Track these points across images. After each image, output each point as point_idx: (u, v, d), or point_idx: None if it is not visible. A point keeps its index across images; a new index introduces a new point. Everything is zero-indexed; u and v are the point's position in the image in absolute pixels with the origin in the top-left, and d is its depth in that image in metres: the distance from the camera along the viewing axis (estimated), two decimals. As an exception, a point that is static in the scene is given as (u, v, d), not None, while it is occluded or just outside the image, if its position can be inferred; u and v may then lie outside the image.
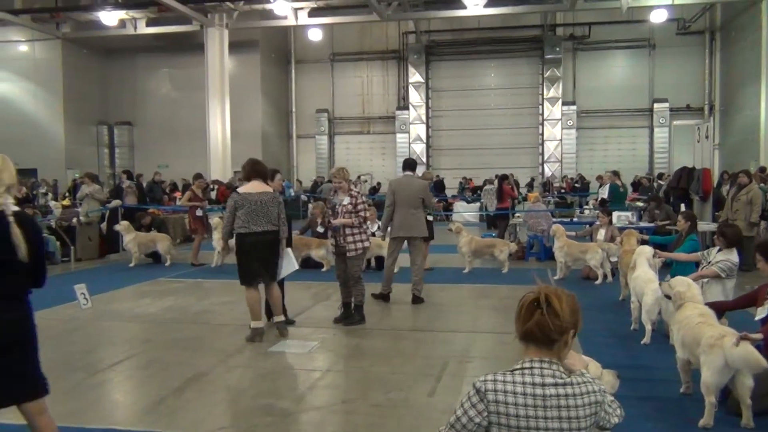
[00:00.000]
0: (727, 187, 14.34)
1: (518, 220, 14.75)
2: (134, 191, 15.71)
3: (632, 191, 19.92)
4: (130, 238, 12.57)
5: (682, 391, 4.99)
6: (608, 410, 2.31)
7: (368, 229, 7.72)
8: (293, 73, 30.50)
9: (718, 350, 4.29)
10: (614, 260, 10.12)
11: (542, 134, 27.94)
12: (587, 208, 17.95)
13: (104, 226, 14.22)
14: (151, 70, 28.87)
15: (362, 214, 7.38)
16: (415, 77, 28.50)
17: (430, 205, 9.26)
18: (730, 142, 24.94)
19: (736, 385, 4.35)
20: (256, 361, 6.21)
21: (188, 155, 25.30)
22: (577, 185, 24.88)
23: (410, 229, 8.69)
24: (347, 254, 7.36)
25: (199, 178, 13.79)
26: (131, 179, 16.95)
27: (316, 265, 11.78)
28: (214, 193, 18.02)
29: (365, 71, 29.90)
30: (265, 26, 23.88)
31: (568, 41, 27.82)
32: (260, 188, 6.79)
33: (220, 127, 22.32)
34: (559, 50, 27.32)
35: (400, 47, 29.31)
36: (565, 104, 27.54)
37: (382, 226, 8.97)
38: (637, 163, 26.98)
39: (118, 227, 12.81)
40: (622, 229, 10.48)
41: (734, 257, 6.43)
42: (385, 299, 8.77)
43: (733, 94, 24.99)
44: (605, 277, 10.33)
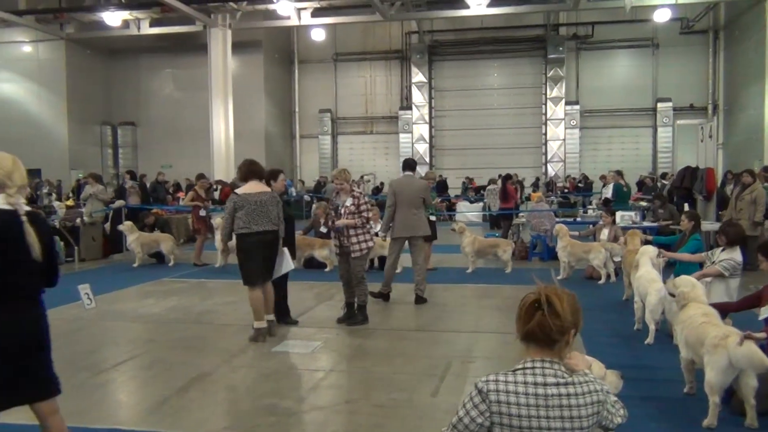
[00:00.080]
0: (731, 186, 14.32)
1: (521, 220, 14.74)
2: (137, 191, 15.75)
3: (637, 191, 19.89)
4: (133, 238, 12.59)
5: (685, 391, 4.98)
6: (611, 410, 2.31)
7: (371, 229, 7.72)
8: (296, 73, 30.51)
9: (722, 350, 4.28)
10: (617, 260, 10.11)
11: (545, 134, 27.89)
12: (591, 208, 17.91)
13: (108, 226, 14.26)
14: (154, 70, 28.89)
15: (365, 214, 7.39)
16: (418, 77, 28.47)
17: (429, 204, 9.27)
18: (733, 141, 24.87)
19: (740, 385, 4.33)
20: (259, 361, 6.22)
21: (191, 155, 25.33)
22: (580, 185, 24.84)
23: (412, 229, 8.69)
24: (351, 255, 7.36)
25: (201, 178, 13.81)
26: (134, 179, 16.97)
27: (319, 265, 11.79)
28: (217, 193, 18.04)
29: (368, 71, 29.89)
30: (268, 26, 23.87)
31: (571, 41, 27.76)
32: (258, 188, 6.84)
33: (223, 127, 22.33)
34: (562, 50, 27.26)
35: (403, 47, 29.29)
36: (568, 104, 27.48)
37: (383, 226, 8.96)
38: (640, 162, 26.90)
39: (121, 227, 12.83)
40: (625, 228, 10.46)
41: (738, 256, 6.40)
42: (384, 299, 8.78)
43: (736, 93, 24.92)
44: (608, 277, 10.31)
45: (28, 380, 3.29)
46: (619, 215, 12.03)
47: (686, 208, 11.92)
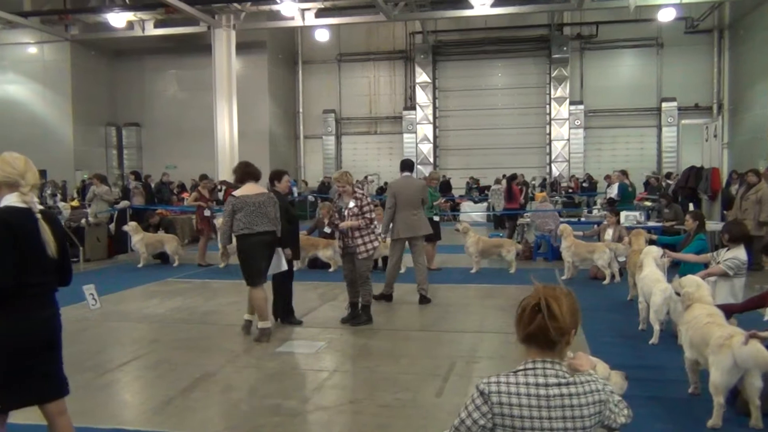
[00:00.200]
0: (736, 186, 14.26)
1: (526, 220, 14.71)
2: (141, 192, 15.78)
3: (643, 190, 19.84)
4: (138, 238, 12.63)
5: (690, 391, 4.97)
6: (614, 409, 2.30)
7: (376, 229, 7.73)
8: (300, 73, 30.52)
9: (727, 350, 4.27)
10: (622, 260, 10.09)
11: (549, 134, 27.83)
12: (595, 208, 17.88)
13: (113, 226, 14.30)
14: (158, 71, 28.95)
15: (368, 215, 7.39)
16: (422, 77, 28.46)
17: (425, 203, 9.34)
18: (738, 141, 24.79)
19: (744, 385, 4.32)
20: (263, 361, 6.23)
21: (196, 156, 25.33)
22: (584, 185, 24.79)
23: (413, 229, 8.73)
24: (357, 256, 7.37)
25: (204, 178, 13.87)
26: (139, 180, 17.01)
27: (323, 265, 11.80)
28: (221, 193, 18.06)
29: (372, 71, 29.89)
30: (272, 27, 23.88)
31: (575, 41, 27.71)
32: (256, 190, 6.94)
33: (227, 127, 22.35)
34: (566, 50, 27.21)
35: (407, 47, 29.28)
36: (572, 104, 27.43)
37: (383, 227, 8.95)
38: (645, 162, 26.81)
39: (126, 228, 12.87)
40: (630, 228, 10.44)
41: (742, 255, 6.37)
42: (387, 299, 8.79)
43: (741, 92, 24.84)
44: (613, 277, 10.29)
45: (38, 380, 3.30)
46: (623, 215, 12.00)
47: (691, 208, 11.89)
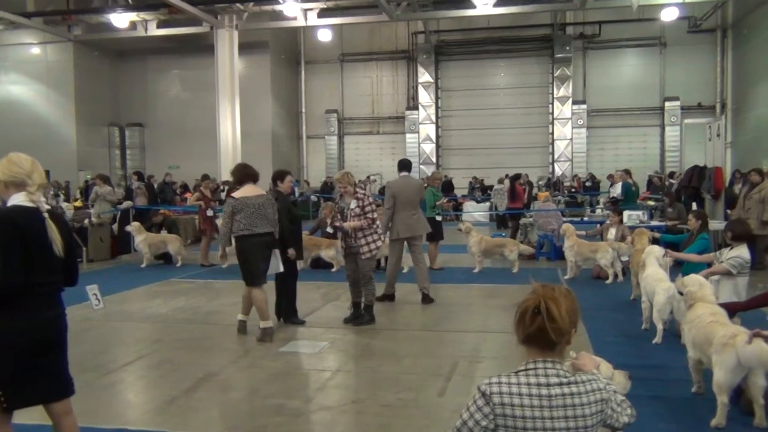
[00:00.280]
0: (739, 185, 14.25)
1: (529, 220, 14.69)
2: (144, 192, 15.81)
3: (646, 190, 19.79)
4: (141, 238, 12.65)
5: (693, 390, 4.96)
6: (616, 408, 2.30)
7: (378, 229, 7.73)
8: (303, 73, 30.52)
9: (730, 349, 4.26)
10: (625, 259, 10.08)
11: (552, 133, 27.77)
12: (598, 207, 17.85)
13: (116, 227, 14.32)
14: (161, 71, 28.98)
15: (370, 215, 7.39)
16: (424, 77, 28.44)
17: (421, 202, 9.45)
18: (742, 140, 24.72)
19: (748, 384, 4.31)
20: (266, 361, 6.23)
21: (199, 156, 25.34)
22: (587, 184, 24.75)
23: (412, 229, 8.76)
24: (361, 256, 7.38)
25: (206, 178, 13.89)
26: (142, 180, 17.04)
27: (325, 265, 11.81)
28: (224, 194, 18.07)
29: (375, 71, 29.88)
30: (274, 27, 23.90)
31: (578, 40, 27.65)
32: (255, 191, 6.97)
33: (230, 128, 22.38)
34: (569, 49, 27.16)
35: (409, 47, 29.26)
36: (575, 103, 27.38)
37: (382, 227, 8.94)
38: (648, 162, 26.75)
39: (129, 228, 12.89)
40: (633, 228, 10.42)
41: (745, 253, 6.35)
42: (389, 299, 8.80)
43: (745, 92, 24.77)
44: (616, 276, 10.28)
45: (44, 380, 3.31)
46: (626, 214, 11.98)
47: (694, 207, 11.87)
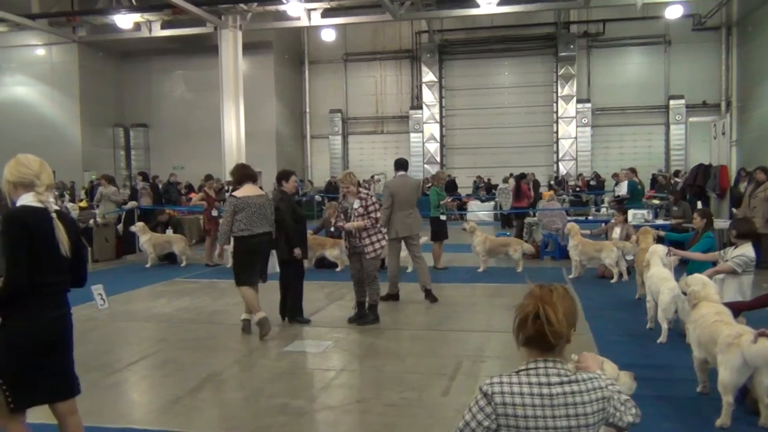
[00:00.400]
0: (744, 184, 14.18)
1: (533, 219, 14.67)
2: (149, 193, 15.84)
3: (650, 188, 19.75)
4: (145, 239, 12.68)
5: (698, 390, 4.95)
6: (619, 407, 2.29)
7: (383, 228, 7.74)
8: (307, 73, 30.55)
9: (735, 349, 4.24)
10: (630, 258, 10.06)
11: (557, 132, 27.73)
12: (603, 206, 17.81)
13: (121, 227, 14.36)
14: (165, 72, 29.05)
15: (373, 215, 7.40)
16: (428, 76, 28.43)
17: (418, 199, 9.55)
18: (747, 138, 24.64)
19: (754, 384, 4.30)
20: (270, 360, 6.25)
21: (203, 156, 25.39)
22: (592, 183, 24.70)
23: (410, 228, 8.82)
24: (365, 255, 7.39)
25: (209, 179, 13.92)
26: (146, 181, 17.08)
27: (330, 264, 11.82)
28: (228, 194, 18.09)
29: (378, 71, 29.88)
30: (278, 27, 23.91)
31: (582, 38, 27.60)
32: (255, 191, 7.04)
33: (234, 128, 22.38)
34: (573, 48, 27.11)
35: (413, 47, 29.26)
36: (579, 102, 27.31)
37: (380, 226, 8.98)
38: (653, 160, 26.69)
39: (134, 228, 12.92)
40: (638, 227, 10.39)
41: (750, 252, 6.32)
42: (394, 299, 8.81)
43: (750, 90, 24.68)
44: (620, 275, 10.25)
45: (50, 379, 3.33)
46: (631, 213, 11.96)
47: (699, 205, 11.83)
